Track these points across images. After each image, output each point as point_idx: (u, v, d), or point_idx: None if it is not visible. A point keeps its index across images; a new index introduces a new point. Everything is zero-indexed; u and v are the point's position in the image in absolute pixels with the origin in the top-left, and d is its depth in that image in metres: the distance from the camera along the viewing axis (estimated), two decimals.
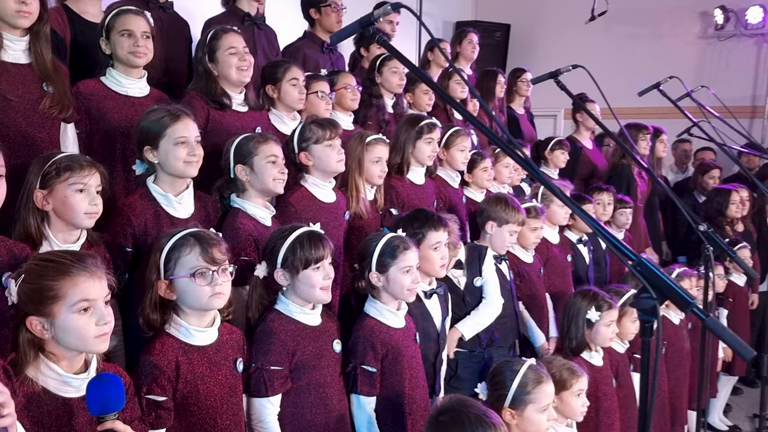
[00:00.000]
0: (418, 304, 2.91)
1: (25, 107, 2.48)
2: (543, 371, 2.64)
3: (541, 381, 2.59)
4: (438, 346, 2.98)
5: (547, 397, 2.58)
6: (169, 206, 2.52)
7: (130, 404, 1.90)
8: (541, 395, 2.56)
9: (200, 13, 3.98)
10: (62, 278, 1.73)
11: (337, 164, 3.03)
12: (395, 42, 5.11)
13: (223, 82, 3.06)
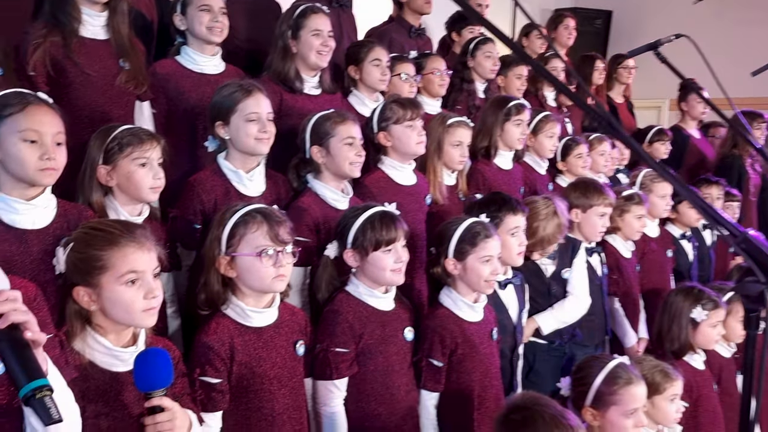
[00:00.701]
0: (492, 294, 2.71)
1: (102, 82, 2.49)
2: (634, 372, 2.38)
3: (631, 382, 2.34)
4: (515, 339, 2.80)
5: (635, 401, 2.32)
6: (240, 183, 2.46)
7: (179, 380, 1.82)
8: (628, 397, 2.31)
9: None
10: (110, 248, 1.68)
11: (416, 146, 2.90)
12: None
13: (299, 62, 2.99)
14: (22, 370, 1.18)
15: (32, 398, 1.18)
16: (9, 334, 1.19)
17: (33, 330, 1.22)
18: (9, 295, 1.21)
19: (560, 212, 3.00)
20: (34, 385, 1.18)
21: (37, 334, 1.23)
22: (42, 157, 1.86)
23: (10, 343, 1.19)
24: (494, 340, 2.58)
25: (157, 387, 1.61)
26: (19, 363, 1.19)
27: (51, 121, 1.91)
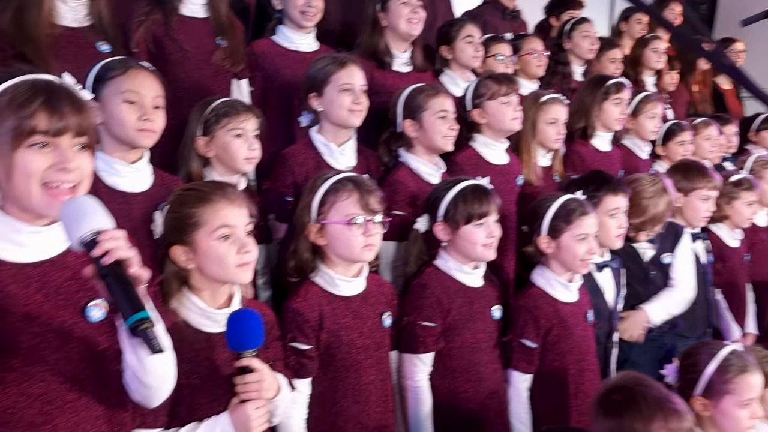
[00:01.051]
0: (587, 277, 2.60)
1: (199, 59, 2.55)
2: (750, 359, 2.20)
3: (746, 370, 2.14)
4: (610, 325, 2.68)
5: (752, 390, 2.14)
6: (331, 157, 2.47)
7: (273, 344, 1.84)
8: (743, 386, 2.12)
9: None
10: (202, 205, 1.70)
11: (511, 122, 2.83)
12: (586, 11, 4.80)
13: (389, 35, 2.98)
14: (127, 303, 1.22)
15: (137, 329, 1.21)
16: (115, 270, 1.23)
17: (136, 266, 1.26)
18: (114, 233, 1.25)
19: (669, 189, 2.85)
20: (139, 316, 1.21)
21: (140, 270, 1.26)
22: (141, 118, 1.92)
23: (115, 278, 1.23)
24: (590, 323, 2.48)
25: (247, 347, 1.63)
26: (125, 296, 1.22)
27: (150, 84, 1.98)
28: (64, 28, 2.24)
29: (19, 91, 1.31)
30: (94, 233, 1.23)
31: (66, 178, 1.32)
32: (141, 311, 1.22)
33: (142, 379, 1.39)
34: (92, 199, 1.30)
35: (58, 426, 1.36)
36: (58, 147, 1.32)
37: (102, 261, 1.22)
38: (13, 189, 1.32)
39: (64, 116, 1.32)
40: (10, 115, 1.30)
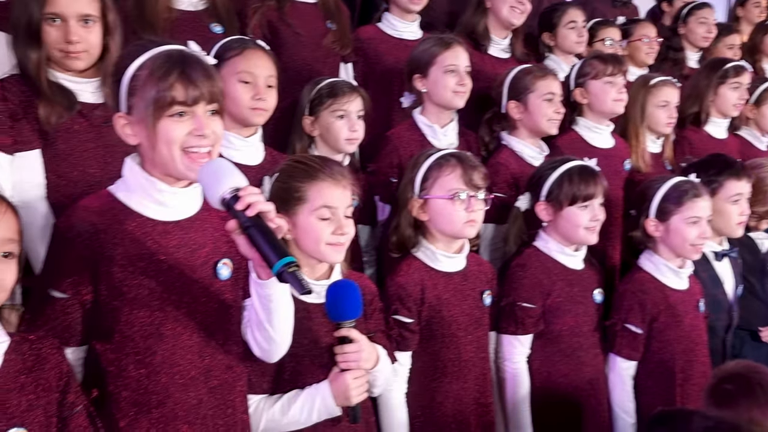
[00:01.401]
0: (706, 266, 2.52)
1: (311, 42, 2.65)
2: None
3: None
4: (730, 318, 2.56)
5: None
6: (434, 138, 2.50)
7: (375, 316, 1.88)
8: None
9: None
10: (308, 181, 1.73)
11: (614, 103, 2.76)
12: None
13: (491, 19, 2.99)
14: (272, 250, 1.28)
15: (285, 272, 1.27)
16: (257, 221, 1.29)
17: (275, 218, 1.33)
18: (253, 189, 1.33)
19: None
20: (286, 260, 1.27)
21: (279, 221, 1.33)
22: (254, 97, 2.02)
23: (259, 228, 1.29)
24: (701, 313, 2.38)
25: (346, 318, 1.66)
26: (270, 244, 1.28)
27: (265, 64, 2.07)
28: (180, 12, 2.37)
29: (156, 64, 1.41)
30: (234, 190, 1.31)
31: (203, 143, 1.42)
32: (287, 256, 1.27)
33: (269, 330, 1.47)
34: (226, 161, 1.39)
35: (188, 368, 1.47)
36: (195, 114, 1.42)
37: (245, 214, 1.29)
38: (157, 155, 1.43)
39: (198, 86, 1.42)
40: (151, 87, 1.40)
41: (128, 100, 1.44)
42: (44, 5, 1.78)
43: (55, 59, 1.82)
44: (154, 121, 1.40)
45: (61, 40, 1.80)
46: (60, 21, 1.80)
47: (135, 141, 1.45)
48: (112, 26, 1.89)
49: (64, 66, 1.83)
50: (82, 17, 1.82)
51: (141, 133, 1.43)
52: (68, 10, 1.80)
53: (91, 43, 1.83)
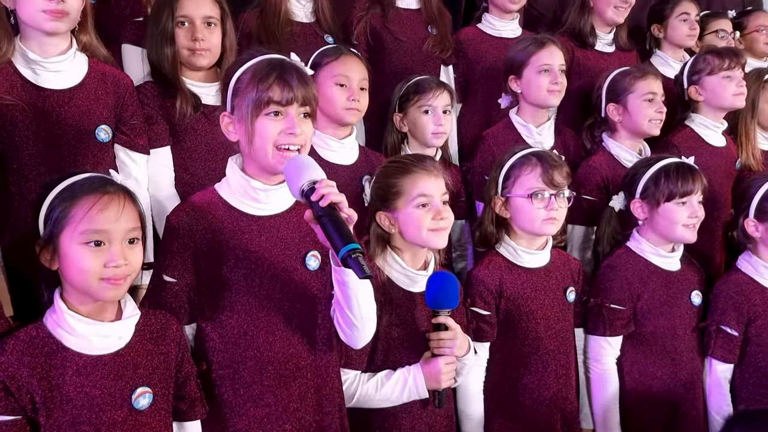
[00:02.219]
0: None
1: (412, 47, 2.77)
2: None
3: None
4: None
5: None
6: (530, 137, 2.54)
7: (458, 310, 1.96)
8: None
9: None
10: (403, 176, 1.89)
11: (734, 98, 2.69)
12: None
13: (595, 18, 3.00)
14: (340, 237, 1.40)
15: (348, 258, 1.38)
16: (329, 211, 1.42)
17: (346, 209, 1.46)
18: (328, 182, 1.47)
19: None
20: (350, 246, 1.38)
21: (350, 211, 1.46)
22: (348, 98, 2.17)
23: (330, 218, 1.42)
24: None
25: (444, 306, 1.80)
26: (338, 232, 1.40)
27: (358, 68, 2.22)
28: (298, 24, 2.61)
29: (258, 69, 1.59)
30: (311, 182, 1.45)
31: (294, 141, 1.58)
32: (352, 243, 1.38)
33: (350, 315, 1.60)
34: (308, 157, 1.53)
35: (278, 353, 1.63)
36: (288, 114, 1.58)
37: (319, 204, 1.43)
38: (253, 150, 1.59)
39: (293, 88, 1.58)
40: (251, 88, 1.58)
41: (232, 101, 1.62)
42: (175, 11, 2.07)
43: (184, 59, 2.09)
44: (252, 118, 1.57)
45: (189, 39, 2.09)
46: (188, 23, 2.09)
47: (235, 138, 1.63)
48: (229, 30, 2.16)
49: (191, 64, 2.10)
50: (206, 19, 2.11)
51: (241, 130, 1.60)
52: (195, 14, 2.10)
53: (213, 42, 2.12)
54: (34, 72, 1.88)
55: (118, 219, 1.44)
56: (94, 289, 1.43)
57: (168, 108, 2.08)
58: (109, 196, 1.44)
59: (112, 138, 1.98)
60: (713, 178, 2.63)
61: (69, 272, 1.44)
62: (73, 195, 1.44)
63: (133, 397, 1.48)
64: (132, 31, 2.34)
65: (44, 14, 1.83)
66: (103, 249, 1.42)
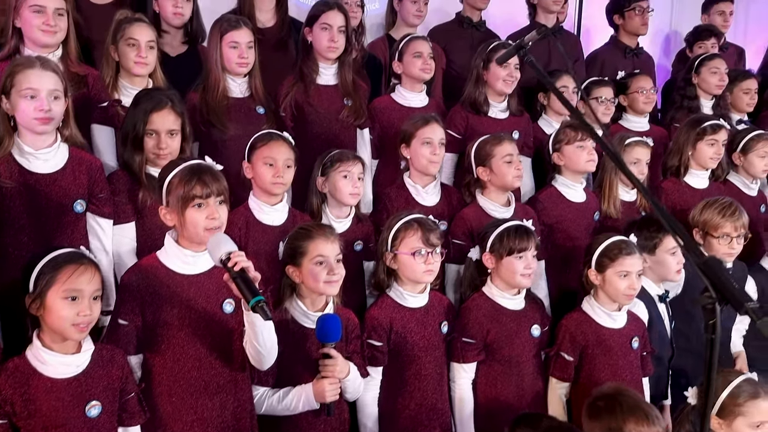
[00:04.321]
0: (653, 308, 2.99)
1: (330, 117, 3.29)
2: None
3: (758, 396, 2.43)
4: (672, 350, 3.04)
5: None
6: (417, 196, 3.12)
7: (354, 341, 2.54)
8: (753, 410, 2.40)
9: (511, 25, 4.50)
10: (307, 240, 2.44)
11: (586, 164, 3.27)
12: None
13: (489, 90, 3.53)
14: (250, 292, 1.94)
15: (256, 306, 1.93)
16: (240, 274, 1.97)
17: (252, 271, 2.00)
18: (239, 252, 2.01)
19: None
20: (257, 299, 1.93)
21: (255, 273, 2.01)
22: (274, 175, 2.70)
23: (241, 278, 1.97)
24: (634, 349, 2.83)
25: (328, 340, 2.34)
26: (248, 288, 1.95)
27: (284, 150, 2.73)
28: (234, 99, 3.14)
29: (183, 173, 2.20)
30: (227, 253, 2.01)
31: (214, 224, 2.18)
32: (258, 295, 1.94)
33: (257, 346, 2.17)
34: (224, 234, 2.12)
35: (203, 374, 2.22)
36: (209, 205, 2.18)
37: (234, 269, 1.98)
38: (185, 232, 2.21)
39: (209, 185, 2.18)
40: (180, 188, 2.18)
41: (167, 197, 2.22)
42: (146, 124, 2.61)
43: (149, 159, 2.64)
44: (182, 210, 2.17)
45: (155, 147, 2.63)
46: (155, 134, 2.62)
47: (171, 224, 2.23)
48: (188, 135, 2.71)
49: (154, 163, 2.64)
50: (169, 131, 2.64)
51: (175, 218, 2.20)
52: (161, 127, 2.62)
53: (174, 148, 2.66)
54: (28, 160, 2.43)
55: (89, 282, 2.03)
56: (67, 332, 2.01)
57: (134, 191, 2.63)
58: (84, 266, 2.04)
59: (85, 209, 2.55)
60: (573, 229, 3.27)
61: (50, 318, 2.01)
62: (59, 264, 2.03)
63: (87, 408, 2.06)
64: (99, 114, 2.88)
65: (35, 120, 2.37)
66: (76, 303, 2.01)
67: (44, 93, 2.37)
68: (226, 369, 2.26)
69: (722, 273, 1.52)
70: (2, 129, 2.42)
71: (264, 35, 3.44)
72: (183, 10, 3.39)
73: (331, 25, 3.24)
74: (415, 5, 4.10)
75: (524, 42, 2.00)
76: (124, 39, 2.93)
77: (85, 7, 3.29)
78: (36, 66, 2.40)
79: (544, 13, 4.32)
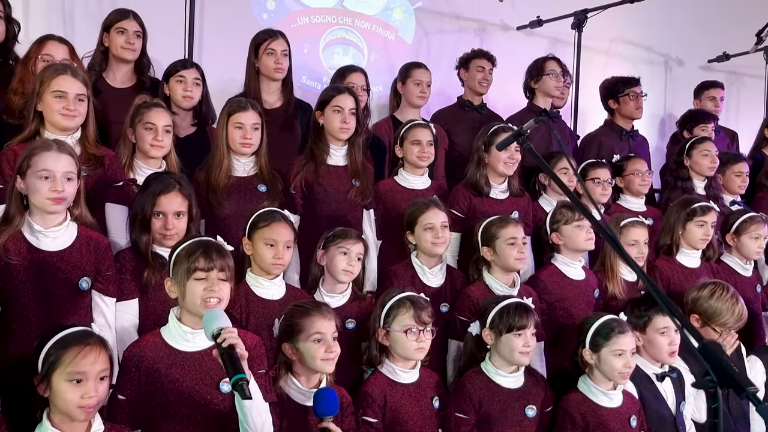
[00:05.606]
0: (649, 386, 3.02)
1: (338, 196, 3.41)
2: None
3: None
4: (676, 430, 3.03)
5: None
6: (423, 276, 3.22)
7: (348, 418, 2.58)
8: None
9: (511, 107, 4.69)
10: (304, 317, 2.51)
11: (585, 243, 3.37)
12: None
13: (489, 171, 3.66)
14: (233, 369, 1.99)
15: (236, 384, 1.97)
16: (227, 350, 2.03)
17: (242, 349, 2.05)
18: (230, 329, 2.08)
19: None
20: (238, 376, 1.98)
21: (244, 351, 2.06)
22: (275, 256, 2.79)
23: (228, 355, 2.02)
24: (632, 427, 2.85)
25: (327, 414, 2.37)
26: (232, 365, 2.00)
27: (285, 232, 2.83)
28: (236, 178, 3.24)
29: (190, 247, 2.32)
30: (219, 329, 2.08)
31: (213, 295, 2.27)
32: (240, 373, 1.99)
33: (247, 426, 2.20)
34: (220, 310, 2.19)
35: None
36: (210, 278, 2.27)
37: (223, 344, 2.04)
38: (186, 304, 2.29)
39: (213, 260, 2.28)
40: (185, 260, 2.29)
41: (173, 269, 2.32)
42: (153, 206, 2.72)
43: (156, 239, 2.74)
44: (186, 281, 2.27)
45: (162, 228, 2.73)
46: (162, 216, 2.73)
47: (174, 296, 2.32)
48: (194, 216, 2.82)
49: (161, 243, 2.74)
50: (176, 213, 2.75)
51: (177, 290, 2.29)
52: (168, 209, 2.72)
53: (180, 228, 2.75)
54: (37, 238, 2.51)
55: (94, 363, 2.07)
56: (73, 414, 2.05)
57: (140, 269, 2.70)
58: (89, 347, 2.08)
59: (90, 286, 2.62)
60: (574, 306, 3.33)
61: (56, 399, 2.06)
62: (64, 345, 2.08)
63: None
64: (114, 193, 2.99)
65: (48, 201, 2.46)
66: (81, 385, 2.04)
67: (59, 174, 2.47)
68: None
69: (722, 356, 1.61)
70: (14, 207, 2.51)
71: (270, 116, 3.57)
72: (192, 94, 3.55)
73: (342, 108, 3.39)
74: (419, 87, 4.27)
75: (523, 130, 2.12)
76: (142, 123, 3.07)
77: (104, 90, 3.47)
78: (53, 149, 2.51)
79: (543, 97, 4.49)
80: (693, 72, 6.02)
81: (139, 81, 3.64)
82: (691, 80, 5.66)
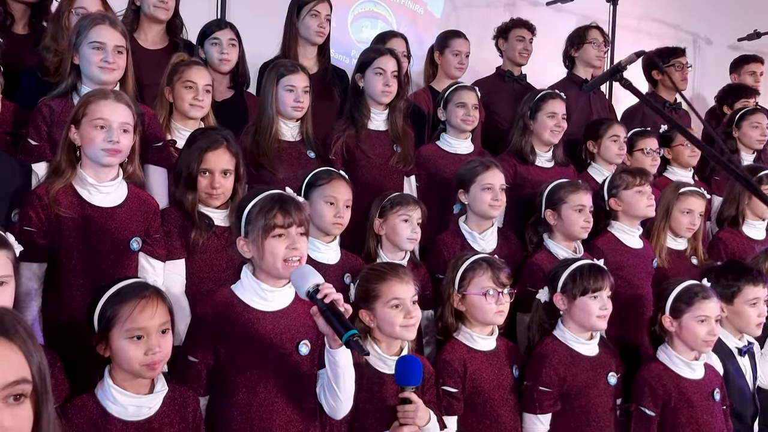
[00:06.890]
0: (732, 361, 2.84)
1: (379, 162, 3.25)
2: None
3: None
4: (755, 406, 2.85)
5: None
6: (473, 242, 3.01)
7: (430, 390, 2.38)
8: None
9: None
10: (380, 282, 2.33)
11: (646, 209, 3.19)
12: None
13: (534, 138, 3.51)
14: (342, 326, 1.82)
15: (351, 340, 1.80)
16: (330, 306, 1.85)
17: (342, 304, 1.88)
18: (327, 284, 1.90)
19: None
20: (351, 332, 1.80)
21: (347, 305, 1.90)
22: (336, 215, 2.63)
23: (332, 311, 1.84)
24: (715, 401, 2.66)
25: (409, 384, 2.19)
26: (340, 322, 1.83)
27: (345, 190, 2.68)
28: (285, 142, 3.09)
29: (264, 202, 2.09)
30: (315, 285, 1.89)
31: (295, 254, 2.06)
32: (352, 329, 1.82)
33: (336, 391, 2.01)
34: (310, 266, 1.99)
35: (275, 420, 2.05)
36: (290, 235, 2.06)
37: (324, 301, 1.86)
38: (264, 264, 2.08)
39: (291, 215, 2.07)
40: (260, 217, 2.07)
41: (245, 227, 2.11)
42: (200, 163, 2.51)
43: (202, 199, 2.54)
44: (262, 240, 2.06)
45: (208, 186, 2.52)
46: (209, 174, 2.52)
47: (249, 255, 2.11)
48: (241, 176, 2.61)
49: (206, 203, 2.55)
50: (223, 171, 2.54)
51: (254, 249, 2.08)
52: (216, 167, 2.52)
53: (227, 188, 2.56)
54: (89, 192, 2.34)
55: (153, 317, 1.90)
56: (137, 372, 1.88)
57: (187, 228, 2.50)
58: (145, 300, 1.90)
59: (140, 247, 2.43)
60: (633, 275, 3.14)
61: (118, 359, 1.89)
62: (119, 300, 1.90)
63: None
64: (153, 153, 2.79)
65: (103, 152, 2.29)
66: (142, 341, 1.88)
67: (115, 125, 2.31)
68: (299, 416, 2.09)
69: None
70: (66, 159, 2.34)
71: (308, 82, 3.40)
72: (229, 56, 3.38)
73: (384, 70, 3.22)
74: (457, 58, 4.10)
75: (621, 65, 1.95)
76: (181, 81, 2.89)
77: (136, 50, 3.25)
78: (110, 98, 2.35)
79: (583, 66, 4.32)
80: (722, 51, 5.87)
81: (172, 42, 3.43)
82: (720, 60, 5.52)
